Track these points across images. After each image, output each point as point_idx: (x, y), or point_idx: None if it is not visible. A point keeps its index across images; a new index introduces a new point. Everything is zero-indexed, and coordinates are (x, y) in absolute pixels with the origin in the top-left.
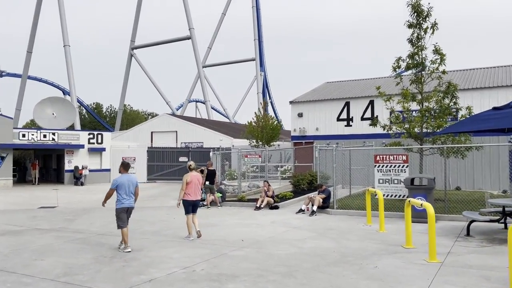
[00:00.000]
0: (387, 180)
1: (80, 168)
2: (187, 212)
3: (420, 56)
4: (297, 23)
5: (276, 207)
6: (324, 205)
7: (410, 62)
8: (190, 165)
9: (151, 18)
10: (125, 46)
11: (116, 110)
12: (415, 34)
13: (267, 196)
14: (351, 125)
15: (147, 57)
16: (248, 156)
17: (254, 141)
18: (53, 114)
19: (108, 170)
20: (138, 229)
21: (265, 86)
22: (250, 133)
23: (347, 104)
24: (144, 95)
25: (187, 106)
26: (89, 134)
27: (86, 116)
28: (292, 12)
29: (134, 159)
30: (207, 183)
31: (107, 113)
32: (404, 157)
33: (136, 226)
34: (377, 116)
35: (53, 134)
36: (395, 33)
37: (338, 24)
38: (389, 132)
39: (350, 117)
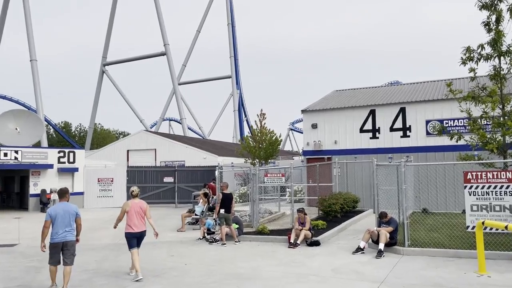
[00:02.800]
0: (484, 207)
1: (48, 192)
2: (130, 247)
3: (505, 44)
4: (271, 43)
5: (317, 243)
6: (392, 242)
7: (490, 51)
8: (133, 191)
9: (124, 34)
10: (96, 62)
11: (86, 129)
12: (493, 16)
13: (304, 228)
14: (377, 137)
15: (120, 74)
16: (269, 175)
17: (250, 159)
18: (16, 129)
19: (81, 193)
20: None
21: (241, 104)
22: (245, 149)
23: (372, 113)
24: (116, 113)
25: (161, 124)
26: (59, 152)
27: (54, 135)
28: (266, 33)
29: (112, 180)
30: (221, 211)
31: (76, 132)
32: (509, 175)
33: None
34: (416, 126)
35: (16, 152)
36: (368, 54)
37: (309, 45)
38: (459, 142)
39: (376, 127)
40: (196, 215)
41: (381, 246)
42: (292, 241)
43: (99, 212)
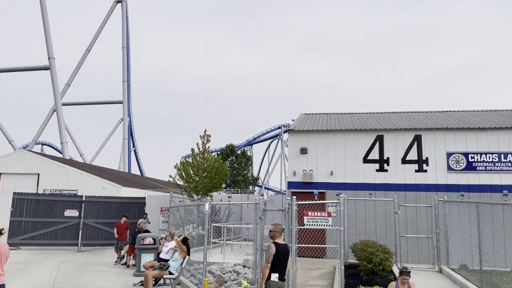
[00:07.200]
0: None
1: None
2: None
3: None
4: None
5: None
6: None
7: None
8: (2, 229)
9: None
10: None
11: None
12: None
13: None
14: (386, 170)
15: None
16: (309, 213)
17: (185, 191)
18: None
19: None
20: None
21: (130, 133)
22: (182, 178)
23: (380, 139)
24: None
25: (33, 148)
26: None
27: None
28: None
29: None
30: (274, 277)
31: None
32: None
33: None
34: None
35: None
36: (255, 92)
37: (199, 81)
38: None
39: (385, 158)
40: (170, 273)
41: None
42: None
43: None
